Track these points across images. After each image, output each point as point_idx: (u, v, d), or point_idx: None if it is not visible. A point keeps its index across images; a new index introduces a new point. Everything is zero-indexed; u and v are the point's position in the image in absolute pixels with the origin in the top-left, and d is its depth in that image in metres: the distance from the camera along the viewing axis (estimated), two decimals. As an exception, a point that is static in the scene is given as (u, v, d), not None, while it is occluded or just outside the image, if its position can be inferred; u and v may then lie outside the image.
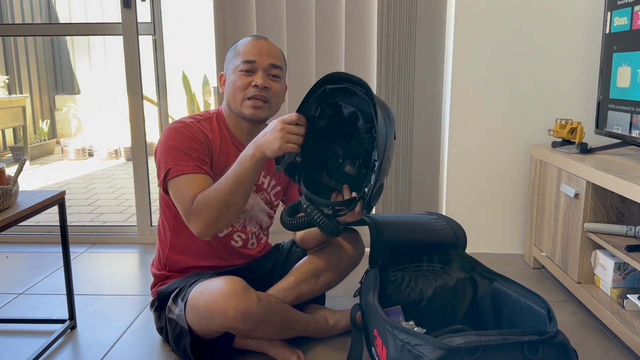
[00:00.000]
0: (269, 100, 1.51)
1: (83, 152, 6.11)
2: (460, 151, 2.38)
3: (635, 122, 1.79)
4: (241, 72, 1.50)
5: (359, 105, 1.28)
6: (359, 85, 1.27)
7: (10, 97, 5.99)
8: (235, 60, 1.52)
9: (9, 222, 1.39)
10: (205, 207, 1.38)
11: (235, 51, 1.54)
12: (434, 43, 2.40)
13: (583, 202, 1.78)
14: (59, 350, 1.62)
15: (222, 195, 1.37)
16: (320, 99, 1.32)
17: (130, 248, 2.57)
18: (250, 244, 1.67)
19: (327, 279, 1.64)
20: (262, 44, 1.52)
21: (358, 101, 1.28)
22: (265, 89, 1.49)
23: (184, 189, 1.42)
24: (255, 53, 1.50)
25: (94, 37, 6.75)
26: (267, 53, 1.51)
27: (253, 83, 1.49)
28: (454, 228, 1.63)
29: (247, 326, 1.39)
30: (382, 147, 1.22)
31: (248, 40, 1.54)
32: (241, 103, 1.51)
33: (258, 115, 1.51)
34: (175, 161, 1.44)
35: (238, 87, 1.50)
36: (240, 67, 1.50)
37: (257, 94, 1.49)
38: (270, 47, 1.53)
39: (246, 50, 1.51)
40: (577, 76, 2.29)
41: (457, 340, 1.11)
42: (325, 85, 1.30)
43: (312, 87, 1.32)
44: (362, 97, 1.27)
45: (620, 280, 1.70)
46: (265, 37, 1.57)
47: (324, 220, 1.31)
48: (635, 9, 1.78)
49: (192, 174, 1.43)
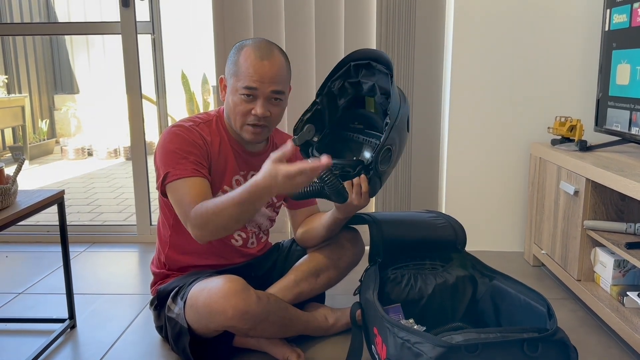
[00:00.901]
0: (269, 125, 1.50)
1: (82, 152, 6.11)
2: (460, 149, 2.37)
3: (634, 119, 1.79)
4: (242, 96, 1.44)
5: (378, 82, 1.38)
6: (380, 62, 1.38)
7: (9, 96, 5.99)
8: (236, 78, 1.45)
9: (8, 222, 1.39)
10: (203, 222, 1.34)
11: (237, 66, 1.45)
12: (433, 41, 2.40)
13: (583, 200, 1.78)
14: (59, 349, 1.62)
15: (223, 218, 1.32)
16: (344, 76, 1.43)
17: (129, 247, 2.57)
18: (250, 243, 1.67)
19: (327, 277, 1.64)
20: (265, 67, 1.42)
21: (378, 79, 1.38)
22: (265, 117, 1.46)
23: (182, 194, 1.41)
24: (257, 79, 1.42)
25: (93, 36, 6.74)
26: (270, 79, 1.43)
27: (253, 112, 1.44)
28: (454, 226, 1.63)
29: (246, 325, 1.38)
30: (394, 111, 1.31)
31: (251, 58, 1.43)
32: (241, 127, 1.49)
33: (257, 140, 1.52)
34: (173, 165, 1.44)
35: (239, 112, 1.46)
36: (240, 91, 1.44)
37: (257, 123, 1.47)
38: (273, 70, 1.44)
39: (248, 73, 1.42)
40: (577, 74, 2.29)
41: (457, 338, 1.11)
42: (350, 63, 1.41)
43: (337, 64, 1.43)
44: (382, 75, 1.38)
45: (620, 277, 1.70)
46: (269, 50, 1.46)
47: (330, 177, 1.29)
48: (635, 6, 1.78)
49: (189, 178, 1.43)
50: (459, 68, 2.31)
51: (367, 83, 1.40)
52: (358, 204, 1.40)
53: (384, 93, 1.38)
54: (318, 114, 1.49)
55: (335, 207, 1.51)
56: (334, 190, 1.31)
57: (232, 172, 1.56)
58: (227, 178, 1.55)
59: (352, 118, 1.51)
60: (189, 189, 1.41)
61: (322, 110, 1.49)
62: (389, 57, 1.38)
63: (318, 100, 1.49)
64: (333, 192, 1.32)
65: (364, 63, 1.41)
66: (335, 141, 1.50)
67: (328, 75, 1.46)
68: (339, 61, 1.44)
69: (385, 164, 1.34)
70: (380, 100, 1.40)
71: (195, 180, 1.43)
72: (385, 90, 1.38)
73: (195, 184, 1.43)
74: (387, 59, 1.38)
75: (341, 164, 1.37)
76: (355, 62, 1.42)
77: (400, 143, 1.38)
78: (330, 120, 1.49)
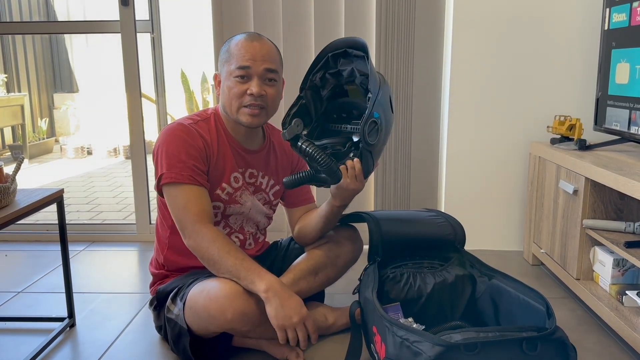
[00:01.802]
0: (266, 106, 1.50)
1: (82, 151, 6.11)
2: (459, 148, 2.37)
3: (634, 118, 1.79)
4: (236, 79, 1.46)
5: (357, 67, 1.43)
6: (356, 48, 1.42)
7: (8, 95, 5.98)
8: (229, 63, 1.48)
9: (7, 220, 1.39)
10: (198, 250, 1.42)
11: (229, 53, 1.48)
12: (432, 40, 2.40)
13: (582, 199, 1.78)
14: (58, 348, 1.62)
15: (213, 264, 1.41)
16: (324, 68, 1.47)
17: (129, 246, 2.57)
18: (247, 244, 1.66)
19: (326, 275, 1.64)
20: (255, 47, 1.46)
21: (356, 64, 1.43)
22: (262, 96, 1.47)
23: (182, 203, 1.43)
24: (249, 58, 1.45)
25: (92, 35, 6.73)
26: (262, 57, 1.46)
27: (249, 91, 1.46)
28: (453, 225, 1.63)
29: (245, 327, 1.38)
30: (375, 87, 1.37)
31: (241, 41, 1.48)
32: (237, 111, 1.49)
33: (255, 123, 1.51)
34: (170, 167, 1.44)
35: (234, 94, 1.47)
36: (234, 73, 1.46)
37: (254, 103, 1.47)
38: (264, 49, 1.47)
39: (240, 54, 1.45)
40: (576, 73, 2.29)
41: (455, 337, 1.11)
42: (328, 54, 1.45)
43: (316, 57, 1.47)
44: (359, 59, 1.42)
45: (619, 276, 1.70)
46: (259, 36, 1.51)
47: (322, 156, 1.36)
48: (634, 5, 1.78)
49: (186, 185, 1.44)
50: (459, 68, 2.30)
51: (346, 69, 1.44)
52: (354, 187, 1.43)
53: (363, 74, 1.42)
54: (304, 108, 1.51)
55: (331, 193, 1.51)
56: (327, 168, 1.37)
57: (230, 169, 1.56)
58: (226, 175, 1.55)
59: (337, 109, 1.55)
60: (188, 200, 1.43)
61: (307, 104, 1.51)
62: (363, 41, 1.42)
63: (302, 94, 1.51)
64: (326, 171, 1.38)
65: (340, 52, 1.45)
66: (323, 133, 1.53)
67: (309, 69, 1.50)
68: (317, 54, 1.48)
69: (373, 137, 1.38)
70: (361, 80, 1.44)
71: (193, 190, 1.44)
72: (364, 72, 1.42)
73: (194, 194, 1.44)
74: (361, 43, 1.42)
75: (331, 143, 1.45)
76: (332, 52, 1.46)
77: (386, 120, 1.42)
78: (316, 112, 1.52)
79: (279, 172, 1.67)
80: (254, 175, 1.62)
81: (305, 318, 1.34)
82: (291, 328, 1.32)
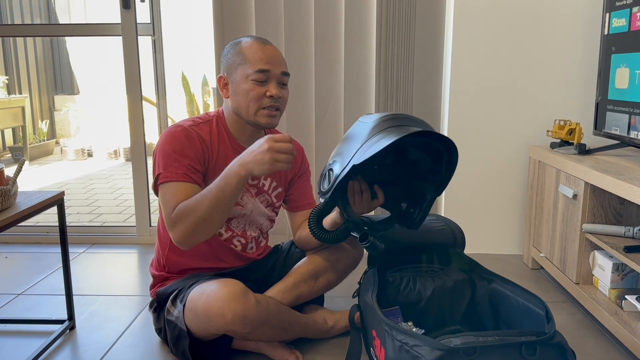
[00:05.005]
0: (281, 107, 1.53)
1: (82, 153, 6.11)
2: (459, 152, 2.37)
3: (633, 123, 1.79)
4: (254, 82, 1.48)
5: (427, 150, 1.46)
6: (446, 147, 1.46)
7: (9, 97, 6.00)
8: (243, 66, 1.49)
9: (8, 223, 1.39)
10: (184, 217, 1.36)
11: (242, 56, 1.49)
12: (432, 44, 2.40)
13: (581, 203, 1.79)
14: (58, 350, 1.62)
15: (202, 208, 1.35)
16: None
17: (129, 248, 2.58)
18: (249, 248, 1.67)
19: (326, 279, 1.64)
20: (271, 51, 1.51)
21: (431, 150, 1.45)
22: (279, 98, 1.50)
23: (168, 197, 1.42)
24: (267, 61, 1.48)
25: (93, 37, 6.75)
26: (278, 61, 1.51)
27: (268, 94, 1.48)
28: (453, 229, 1.63)
29: (245, 329, 1.38)
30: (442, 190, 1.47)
31: (255, 45, 1.50)
32: (255, 113, 1.50)
33: (273, 123, 1.53)
34: (166, 167, 1.44)
35: (253, 97, 1.48)
36: (252, 76, 1.47)
37: (273, 104, 1.49)
38: (278, 53, 1.52)
39: (257, 57, 1.48)
40: (576, 77, 2.30)
41: (455, 341, 1.11)
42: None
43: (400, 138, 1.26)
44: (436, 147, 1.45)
45: (619, 281, 1.70)
46: (268, 42, 1.54)
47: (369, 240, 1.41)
48: (634, 10, 1.78)
49: (179, 182, 1.43)
50: (459, 71, 2.31)
51: (417, 154, 1.50)
52: (360, 212, 1.46)
53: (434, 170, 1.49)
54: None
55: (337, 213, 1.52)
56: (370, 246, 1.42)
57: None
58: None
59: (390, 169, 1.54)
60: (175, 193, 1.41)
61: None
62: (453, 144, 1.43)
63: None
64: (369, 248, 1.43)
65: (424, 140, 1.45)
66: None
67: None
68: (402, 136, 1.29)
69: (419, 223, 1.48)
70: (429, 171, 1.49)
71: (183, 185, 1.43)
72: (434, 163, 1.49)
73: (183, 188, 1.42)
74: (451, 144, 1.44)
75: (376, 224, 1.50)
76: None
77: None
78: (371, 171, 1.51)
79: (282, 174, 1.68)
80: (257, 177, 1.62)
81: (271, 145, 1.31)
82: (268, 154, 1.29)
